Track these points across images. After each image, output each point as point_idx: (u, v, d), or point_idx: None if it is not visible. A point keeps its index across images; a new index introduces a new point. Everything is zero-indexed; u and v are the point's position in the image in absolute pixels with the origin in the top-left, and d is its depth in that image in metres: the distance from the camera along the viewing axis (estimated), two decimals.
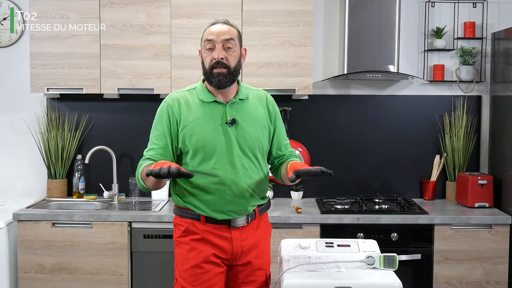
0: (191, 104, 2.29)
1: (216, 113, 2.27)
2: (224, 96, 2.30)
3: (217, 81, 2.23)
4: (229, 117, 2.27)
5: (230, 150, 2.24)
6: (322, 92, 3.87)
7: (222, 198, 2.25)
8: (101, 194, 3.70)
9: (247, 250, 2.31)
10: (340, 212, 3.40)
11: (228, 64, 2.23)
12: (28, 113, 3.85)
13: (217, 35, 2.23)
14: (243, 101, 2.32)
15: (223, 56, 2.22)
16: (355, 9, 3.61)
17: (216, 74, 2.23)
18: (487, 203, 3.55)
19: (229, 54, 2.24)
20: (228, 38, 2.23)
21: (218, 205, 2.25)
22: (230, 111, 2.28)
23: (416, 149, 3.88)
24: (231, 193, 2.24)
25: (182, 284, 2.27)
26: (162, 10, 3.49)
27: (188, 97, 2.31)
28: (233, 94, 2.31)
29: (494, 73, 3.77)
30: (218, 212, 2.26)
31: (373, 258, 2.14)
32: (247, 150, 2.27)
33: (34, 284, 3.35)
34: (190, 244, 2.28)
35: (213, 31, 2.24)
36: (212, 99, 2.28)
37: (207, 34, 2.26)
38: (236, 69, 2.27)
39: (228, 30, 2.25)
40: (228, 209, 2.26)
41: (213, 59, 2.23)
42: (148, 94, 3.58)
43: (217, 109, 2.28)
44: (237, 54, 2.27)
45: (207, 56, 2.25)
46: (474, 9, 3.83)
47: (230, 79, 2.25)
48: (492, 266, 3.34)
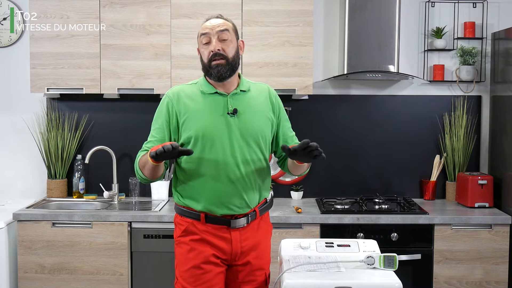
0: (192, 96, 2.29)
1: (217, 104, 2.28)
2: (225, 88, 2.30)
3: (217, 72, 2.24)
4: (231, 108, 2.27)
5: (231, 140, 2.24)
6: (322, 92, 3.87)
7: (221, 190, 2.23)
8: (101, 194, 3.70)
9: (246, 250, 2.30)
10: (340, 212, 3.40)
11: (225, 54, 2.24)
12: (28, 113, 3.85)
13: (211, 28, 2.25)
14: (245, 92, 2.33)
15: (220, 48, 2.23)
16: (355, 9, 3.61)
17: (214, 66, 2.24)
18: (487, 203, 3.55)
19: (226, 45, 2.25)
20: (222, 29, 2.25)
21: (219, 196, 2.24)
22: (231, 101, 2.29)
23: (416, 149, 3.88)
24: (231, 184, 2.23)
25: (183, 284, 2.27)
26: (162, 10, 3.49)
27: (190, 89, 2.32)
28: (234, 86, 2.32)
29: (494, 73, 3.77)
30: (218, 206, 2.24)
31: (373, 258, 2.15)
32: (250, 139, 2.27)
33: (34, 284, 3.35)
34: (189, 245, 2.28)
35: (207, 25, 2.27)
36: (213, 90, 2.29)
37: (202, 29, 2.28)
38: (235, 59, 2.27)
39: (222, 23, 2.27)
40: (228, 201, 2.24)
41: (210, 52, 2.24)
42: (148, 94, 3.59)
43: (218, 100, 2.29)
44: (234, 45, 2.28)
45: (204, 51, 2.27)
46: (474, 9, 3.83)
47: (229, 69, 2.25)
48: (492, 266, 3.34)
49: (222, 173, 2.23)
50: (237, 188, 2.25)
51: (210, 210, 2.26)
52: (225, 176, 2.23)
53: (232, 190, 2.24)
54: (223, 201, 2.25)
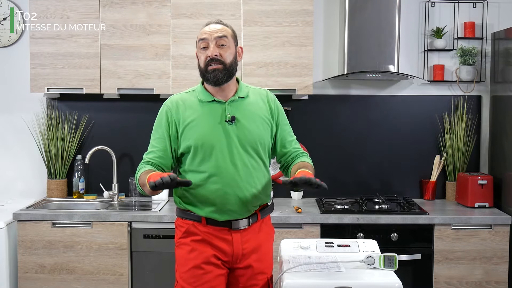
0: (190, 104, 2.29)
1: (215, 112, 2.27)
2: (223, 95, 2.30)
3: (213, 76, 2.23)
4: (229, 115, 2.27)
5: (230, 148, 2.24)
6: (322, 92, 3.87)
7: (223, 198, 2.24)
8: (101, 194, 3.70)
9: (248, 253, 2.30)
10: (340, 212, 3.40)
11: (223, 60, 2.24)
12: (28, 113, 3.85)
13: (210, 33, 2.25)
14: (243, 99, 2.32)
15: (217, 53, 2.23)
16: (355, 9, 3.61)
17: (211, 71, 2.23)
18: (487, 203, 3.55)
19: (223, 51, 2.25)
20: (221, 35, 2.24)
21: (219, 205, 2.24)
22: (229, 109, 2.28)
23: (416, 149, 3.88)
24: (232, 192, 2.23)
25: (183, 285, 2.26)
26: (162, 10, 3.49)
27: (188, 98, 2.32)
28: (232, 93, 2.31)
29: (494, 73, 3.77)
30: (219, 213, 2.25)
31: (373, 258, 2.14)
32: (248, 147, 2.26)
33: (34, 284, 3.35)
34: (190, 245, 2.28)
35: (206, 30, 2.27)
36: (211, 98, 2.29)
37: (200, 34, 2.28)
38: (232, 65, 2.27)
39: (221, 28, 2.27)
40: (229, 208, 2.25)
41: (207, 57, 2.24)
42: (148, 94, 3.59)
43: (216, 108, 2.28)
44: (232, 51, 2.28)
45: (201, 56, 2.27)
46: (474, 9, 3.83)
47: (226, 75, 2.25)
48: (492, 266, 3.34)
49: (223, 181, 2.23)
50: (238, 195, 2.24)
51: (212, 217, 2.26)
52: (225, 184, 2.23)
53: (233, 198, 2.24)
54: (224, 209, 2.25)
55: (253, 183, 2.28)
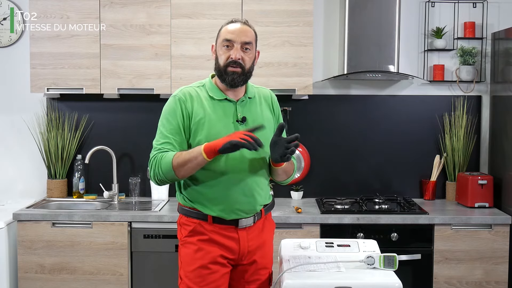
0: (201, 100, 2.27)
1: (227, 111, 2.27)
2: (235, 94, 2.30)
3: (231, 79, 2.23)
4: (240, 115, 2.27)
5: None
6: (322, 92, 3.87)
7: (232, 197, 2.23)
8: (101, 194, 3.70)
9: (253, 250, 2.30)
10: (340, 212, 3.40)
11: (243, 64, 2.24)
12: (28, 113, 3.85)
13: (237, 35, 2.23)
14: (251, 99, 2.34)
15: (240, 57, 2.23)
16: (355, 9, 3.61)
17: (230, 73, 2.23)
18: (487, 203, 3.55)
19: (246, 55, 2.25)
20: (248, 41, 2.24)
21: (227, 204, 2.23)
22: (240, 109, 2.29)
23: (416, 149, 3.88)
24: (240, 191, 2.23)
25: (188, 284, 2.26)
26: (162, 10, 3.49)
27: (199, 92, 2.29)
28: (242, 93, 2.32)
29: (494, 73, 3.77)
30: (227, 213, 2.24)
31: (373, 258, 2.14)
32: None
33: (34, 284, 3.35)
34: (197, 245, 2.26)
35: (233, 30, 2.24)
36: (223, 97, 2.28)
37: (226, 33, 2.24)
38: (250, 70, 2.28)
39: (248, 33, 2.25)
40: (237, 207, 2.24)
41: (229, 57, 2.23)
42: (148, 94, 3.59)
43: (228, 107, 2.28)
44: (253, 56, 2.29)
45: (223, 54, 2.24)
46: (474, 9, 3.83)
47: (243, 79, 2.26)
48: (492, 266, 3.34)
49: (232, 181, 2.23)
50: (247, 195, 2.25)
51: (219, 216, 2.25)
52: (235, 184, 2.23)
53: (241, 197, 2.24)
54: (233, 209, 2.25)
55: (260, 183, 2.29)
